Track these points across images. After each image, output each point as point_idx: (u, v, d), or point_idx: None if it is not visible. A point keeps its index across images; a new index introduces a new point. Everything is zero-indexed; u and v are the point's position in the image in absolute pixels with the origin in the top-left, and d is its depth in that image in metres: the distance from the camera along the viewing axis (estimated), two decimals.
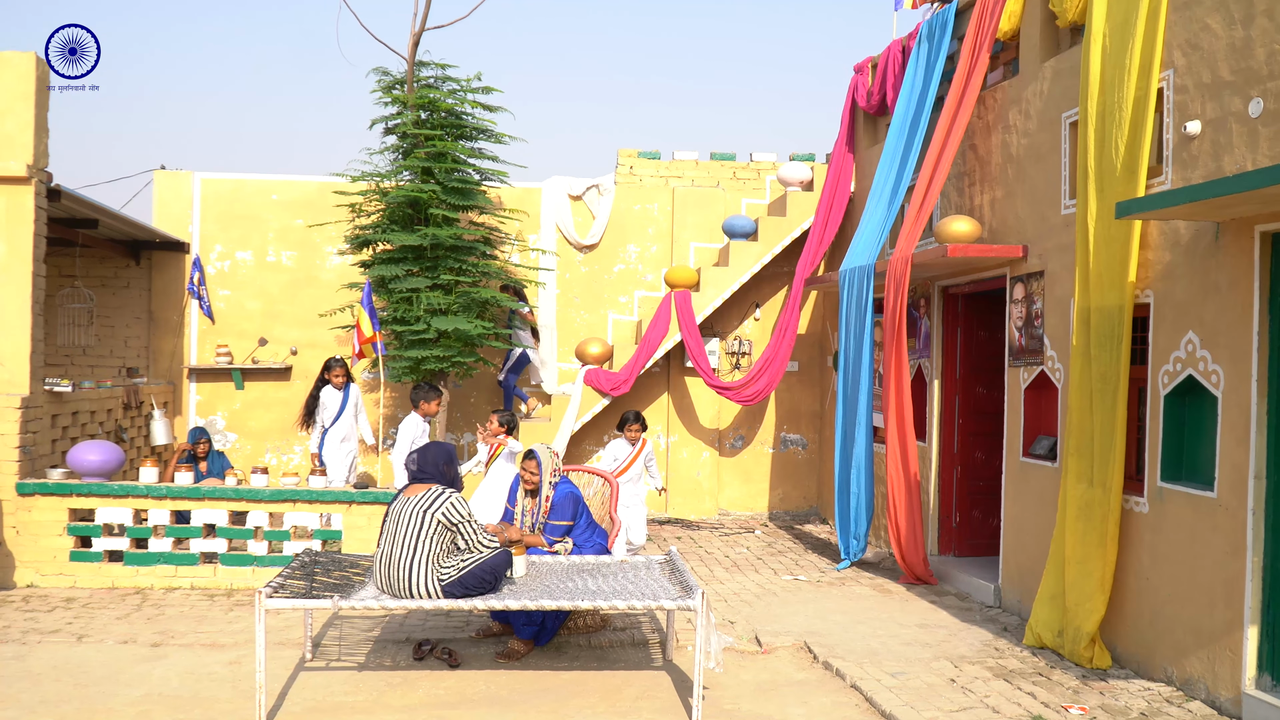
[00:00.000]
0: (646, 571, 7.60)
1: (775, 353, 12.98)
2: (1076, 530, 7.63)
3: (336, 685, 6.85)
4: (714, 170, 14.64)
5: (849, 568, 10.87)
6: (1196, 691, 6.73)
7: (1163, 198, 6.28)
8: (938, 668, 7.36)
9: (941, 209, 10.67)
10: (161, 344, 13.57)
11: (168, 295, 13.58)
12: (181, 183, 13.65)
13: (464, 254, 12.31)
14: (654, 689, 6.95)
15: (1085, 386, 7.62)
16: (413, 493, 6.75)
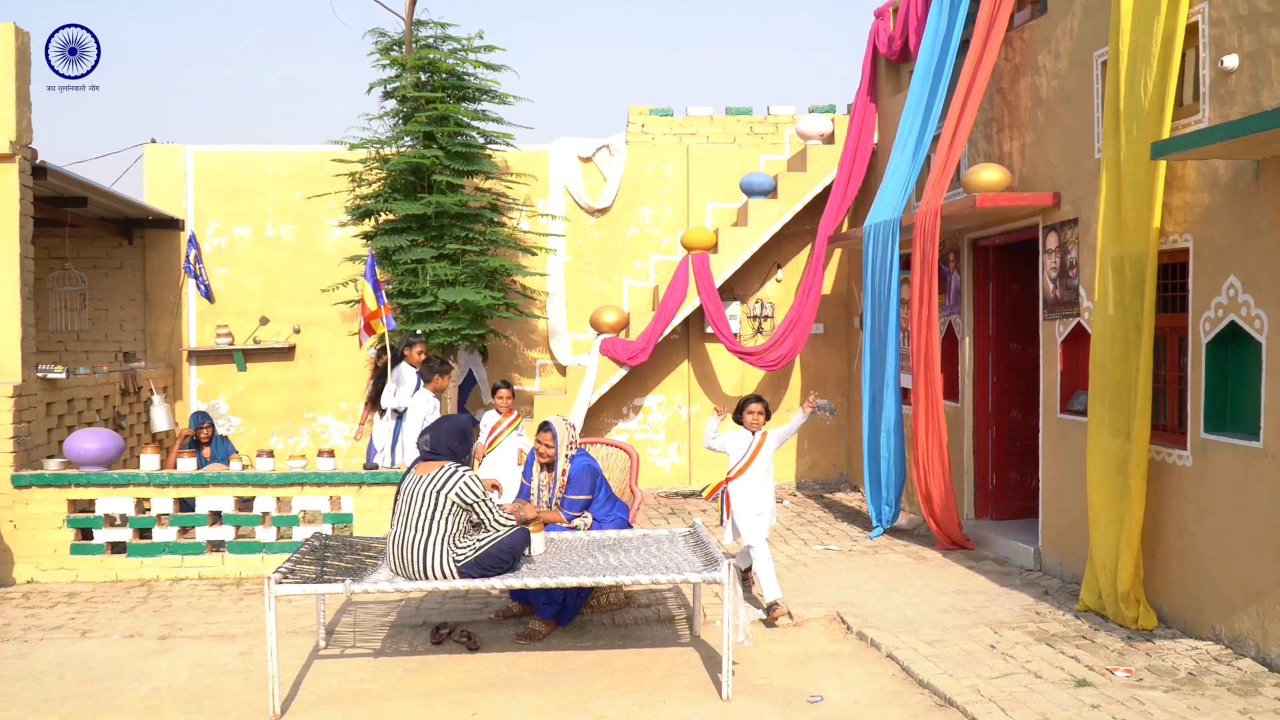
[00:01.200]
0: (670, 545, 7.67)
1: (799, 315, 13.00)
2: (1103, 485, 7.68)
3: (352, 673, 6.96)
4: (730, 126, 14.62)
5: (881, 535, 10.93)
6: (1246, 649, 6.78)
7: (1199, 135, 6.27)
8: (976, 634, 7.42)
9: (969, 157, 10.65)
10: (159, 326, 13.69)
11: (163, 275, 13.70)
12: (173, 156, 13.73)
13: (470, 221, 12.37)
14: (682, 666, 7.03)
15: (1116, 336, 7.63)
16: (424, 471, 6.81)
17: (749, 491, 8.17)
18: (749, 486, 8.18)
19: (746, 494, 8.16)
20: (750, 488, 8.18)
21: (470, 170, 12.38)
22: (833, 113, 14.31)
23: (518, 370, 14.17)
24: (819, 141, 13.67)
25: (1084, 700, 6.10)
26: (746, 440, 8.23)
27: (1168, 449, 7.58)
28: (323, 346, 13.94)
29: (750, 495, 8.16)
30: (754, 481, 8.18)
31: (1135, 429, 7.42)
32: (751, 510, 8.14)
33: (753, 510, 8.14)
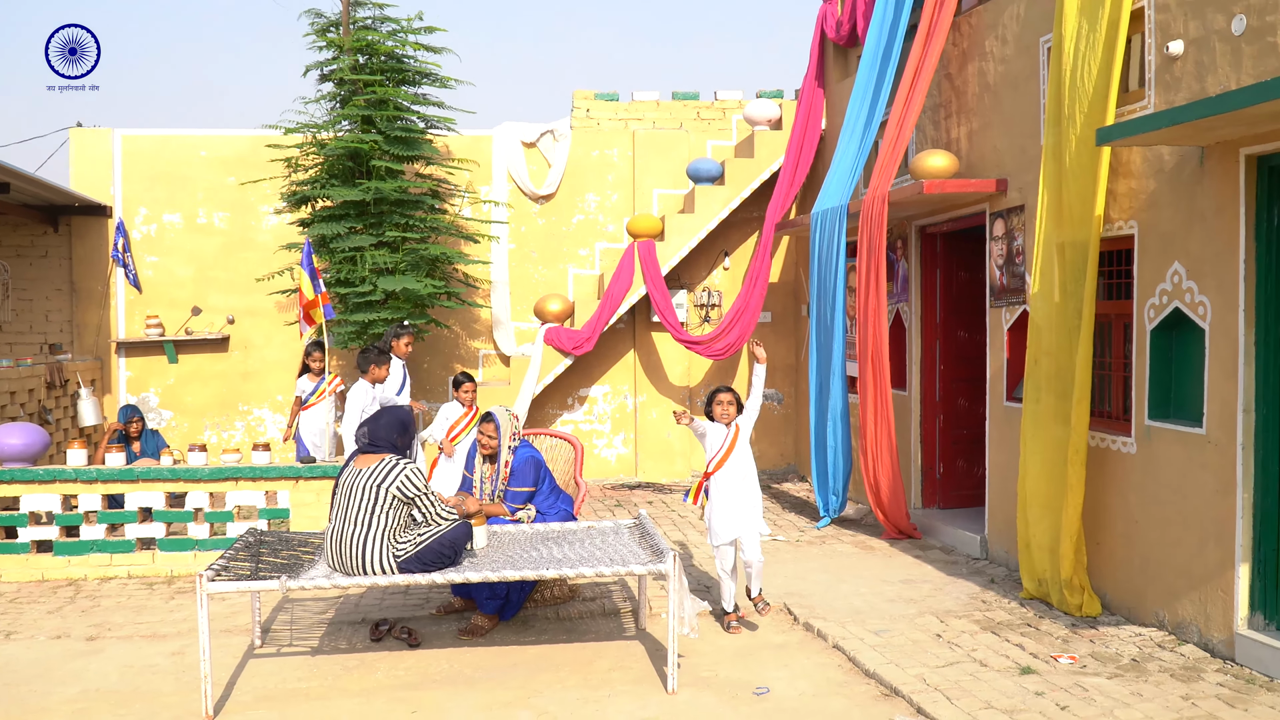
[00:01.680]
0: (615, 537, 7.70)
1: (746, 303, 13.07)
2: (1042, 472, 7.84)
3: (289, 671, 6.93)
4: (676, 111, 14.66)
5: (829, 525, 11.04)
6: (1189, 634, 6.93)
7: (1144, 122, 6.38)
8: (923, 623, 7.53)
9: (917, 144, 10.76)
10: (86, 317, 13.51)
11: (90, 264, 13.52)
12: (100, 141, 13.54)
13: (410, 208, 12.32)
14: (627, 659, 7.07)
15: (1059, 323, 7.76)
16: (363, 464, 6.78)
17: (730, 488, 7.62)
18: (729, 483, 7.63)
19: (727, 491, 7.62)
20: (731, 484, 7.62)
21: (410, 156, 12.33)
22: (780, 98, 14.39)
23: (460, 361, 14.14)
24: (766, 127, 13.74)
25: (1028, 688, 6.21)
26: (721, 434, 7.71)
27: (1112, 436, 7.72)
28: (258, 337, 13.82)
29: (732, 492, 7.61)
30: (735, 478, 7.62)
31: (1074, 416, 7.57)
32: (732, 507, 7.58)
33: (734, 507, 7.58)
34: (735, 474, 7.60)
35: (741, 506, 7.57)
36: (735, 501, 7.58)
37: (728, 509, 7.59)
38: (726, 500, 7.59)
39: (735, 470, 7.61)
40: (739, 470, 7.62)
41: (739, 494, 7.59)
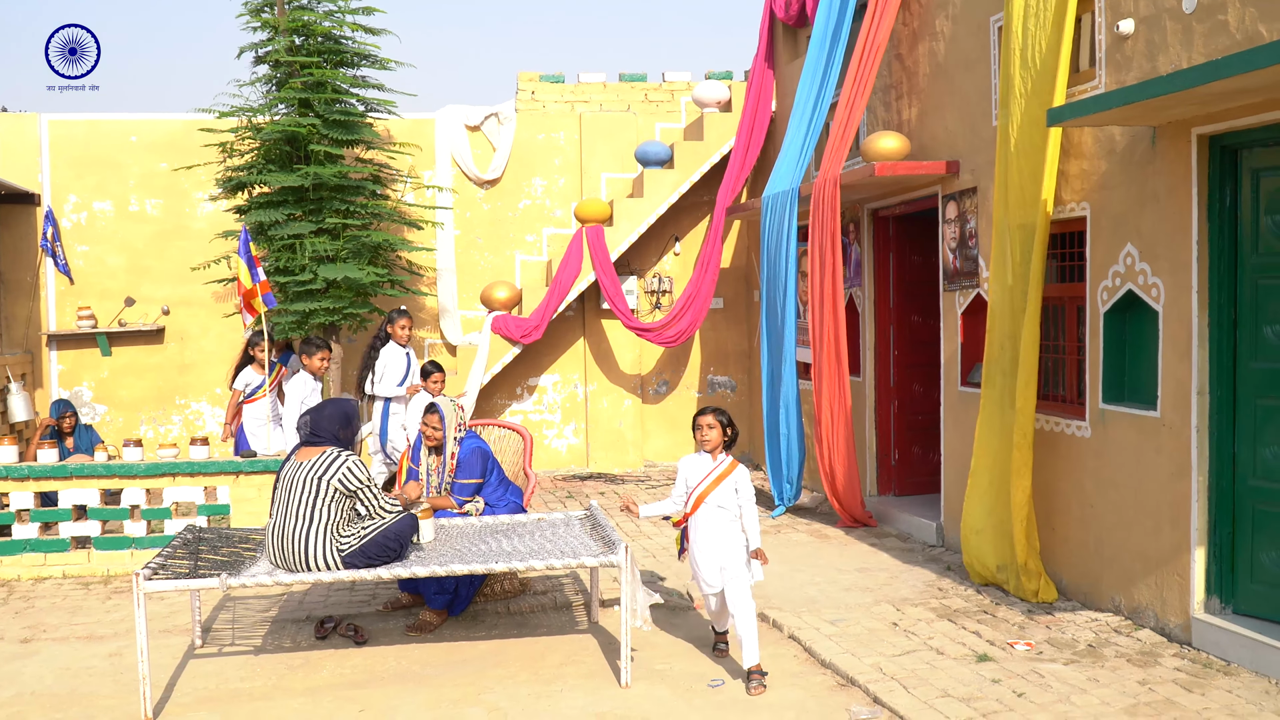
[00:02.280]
0: (566, 529, 7.69)
1: (698, 289, 13.10)
2: (991, 456, 7.92)
3: (231, 671, 6.87)
4: (624, 93, 14.64)
5: (784, 514, 11.10)
6: (1145, 619, 7.04)
7: (1095, 102, 6.45)
8: (879, 612, 7.60)
9: (868, 125, 10.82)
10: (14, 309, 13.29)
11: (18, 254, 13.29)
12: (26, 126, 13.31)
13: (351, 194, 12.22)
14: (580, 653, 7.07)
15: (1010, 307, 7.85)
16: (304, 456, 6.73)
17: (707, 537, 6.52)
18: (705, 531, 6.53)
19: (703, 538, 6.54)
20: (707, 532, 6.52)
21: (350, 140, 12.22)
22: (730, 79, 14.41)
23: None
24: (716, 109, 13.75)
25: (985, 675, 6.28)
26: (705, 467, 6.59)
27: (1066, 420, 7.81)
28: (194, 328, 13.66)
29: (709, 541, 6.51)
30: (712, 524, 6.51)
31: (1021, 399, 7.66)
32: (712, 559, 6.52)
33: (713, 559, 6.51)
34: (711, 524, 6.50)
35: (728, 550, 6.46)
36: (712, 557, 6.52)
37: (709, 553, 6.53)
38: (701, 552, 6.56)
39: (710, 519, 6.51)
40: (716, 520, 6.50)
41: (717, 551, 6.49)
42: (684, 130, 14.41)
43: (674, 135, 14.40)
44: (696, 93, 13.82)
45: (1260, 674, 6.13)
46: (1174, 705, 5.79)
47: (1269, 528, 6.42)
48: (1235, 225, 6.52)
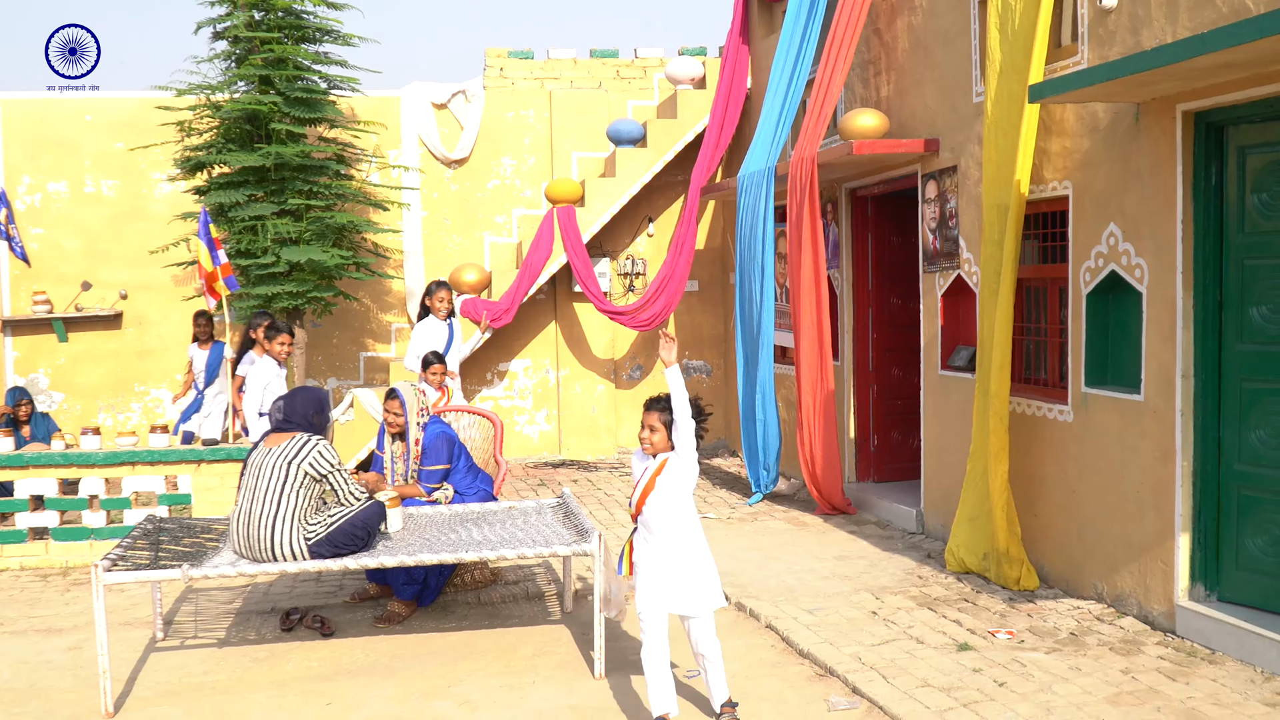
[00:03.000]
0: (538, 517, 7.68)
1: (672, 271, 13.07)
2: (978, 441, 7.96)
3: (194, 665, 6.83)
4: (595, 69, 14.58)
5: (761, 502, 11.11)
6: (1128, 607, 7.08)
7: (1078, 78, 6.46)
8: (858, 601, 7.61)
9: (846, 102, 10.80)
10: None
11: None
12: None
13: (314, 174, 12.13)
14: (552, 644, 7.06)
15: (987, 289, 7.88)
16: (274, 443, 6.72)
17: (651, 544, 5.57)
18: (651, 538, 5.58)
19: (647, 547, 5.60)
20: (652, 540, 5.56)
21: (312, 118, 12.13)
22: (704, 55, 14.39)
23: (371, 336, 13.98)
24: (690, 86, 13.71)
25: (965, 664, 6.31)
26: (642, 466, 5.72)
27: (1048, 404, 7.84)
28: (154, 313, 13.55)
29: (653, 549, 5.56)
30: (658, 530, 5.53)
31: (995, 382, 7.68)
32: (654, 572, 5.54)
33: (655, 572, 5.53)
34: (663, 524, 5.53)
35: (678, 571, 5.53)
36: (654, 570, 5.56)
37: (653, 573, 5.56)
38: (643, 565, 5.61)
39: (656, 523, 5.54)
40: (664, 525, 5.53)
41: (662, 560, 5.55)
42: (657, 108, 14.37)
43: (647, 113, 14.35)
44: (670, 69, 13.78)
45: (1245, 662, 6.17)
46: (1157, 694, 5.82)
47: (1255, 513, 6.46)
48: (1221, 204, 6.54)
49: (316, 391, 7.04)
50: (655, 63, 14.65)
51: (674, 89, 13.87)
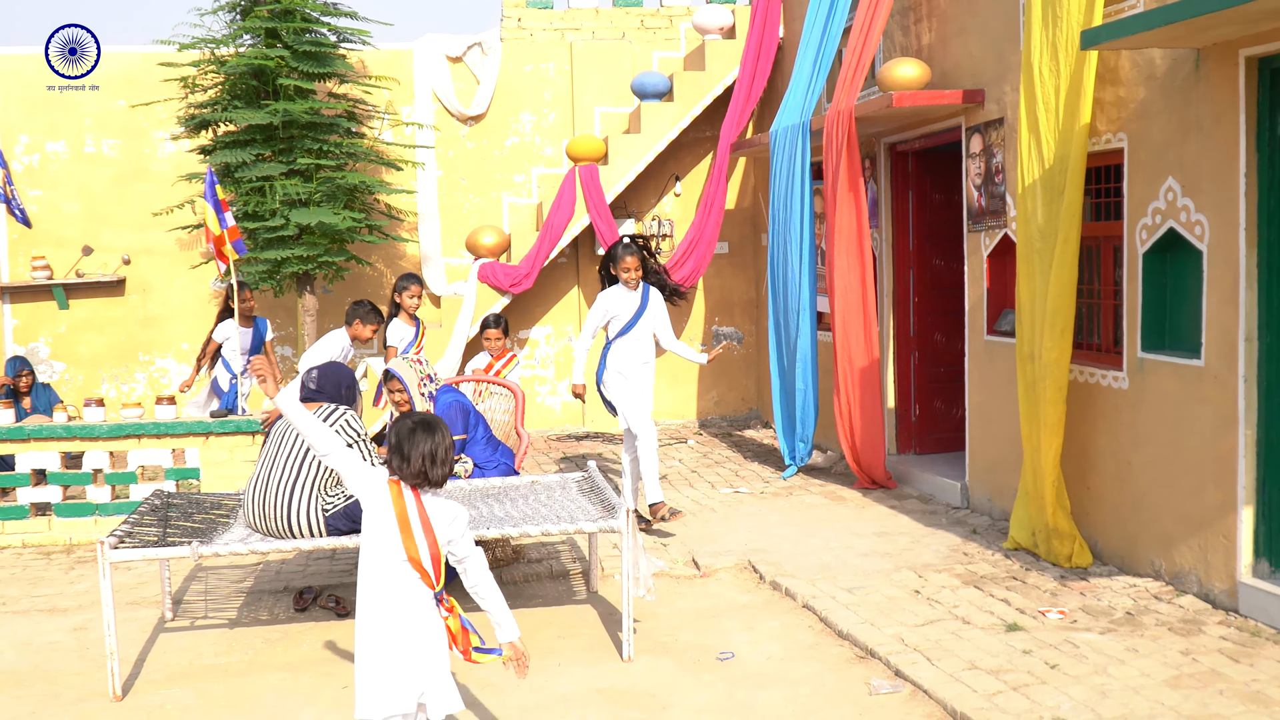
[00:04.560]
0: (562, 492, 7.67)
1: (700, 233, 13.01)
2: (1026, 412, 7.88)
3: (205, 646, 6.87)
4: (618, 19, 14.48)
5: (795, 475, 11.08)
6: (1188, 584, 7.03)
7: (1134, 21, 6.35)
8: (900, 579, 7.58)
9: (885, 52, 10.69)
10: None
11: None
12: None
13: (324, 132, 12.11)
14: (578, 625, 7.07)
15: (1042, 248, 7.77)
16: None
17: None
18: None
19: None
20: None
21: (322, 73, 12.09)
22: (733, 3, 14.24)
23: (384, 302, 13.96)
24: (718, 36, 13.60)
25: (1015, 646, 6.27)
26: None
27: (1102, 370, 7.76)
28: (158, 279, 13.58)
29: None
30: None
31: (1057, 348, 7.59)
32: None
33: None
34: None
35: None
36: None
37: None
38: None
39: None
40: None
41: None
42: (684, 60, 14.26)
43: (673, 65, 14.25)
44: (697, 18, 13.66)
45: None
46: (1219, 676, 5.78)
47: None
48: None
49: (348, 368, 7.16)
50: (682, 12, 14.53)
51: (702, 39, 13.75)
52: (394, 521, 4.62)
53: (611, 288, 9.24)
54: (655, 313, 9.29)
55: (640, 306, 9.18)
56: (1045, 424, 7.65)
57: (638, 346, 9.19)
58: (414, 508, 4.64)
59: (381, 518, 4.64)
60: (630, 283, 9.12)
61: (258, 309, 11.96)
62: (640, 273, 9.19)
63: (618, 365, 9.15)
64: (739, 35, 13.49)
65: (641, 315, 9.19)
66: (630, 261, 9.08)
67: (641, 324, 9.19)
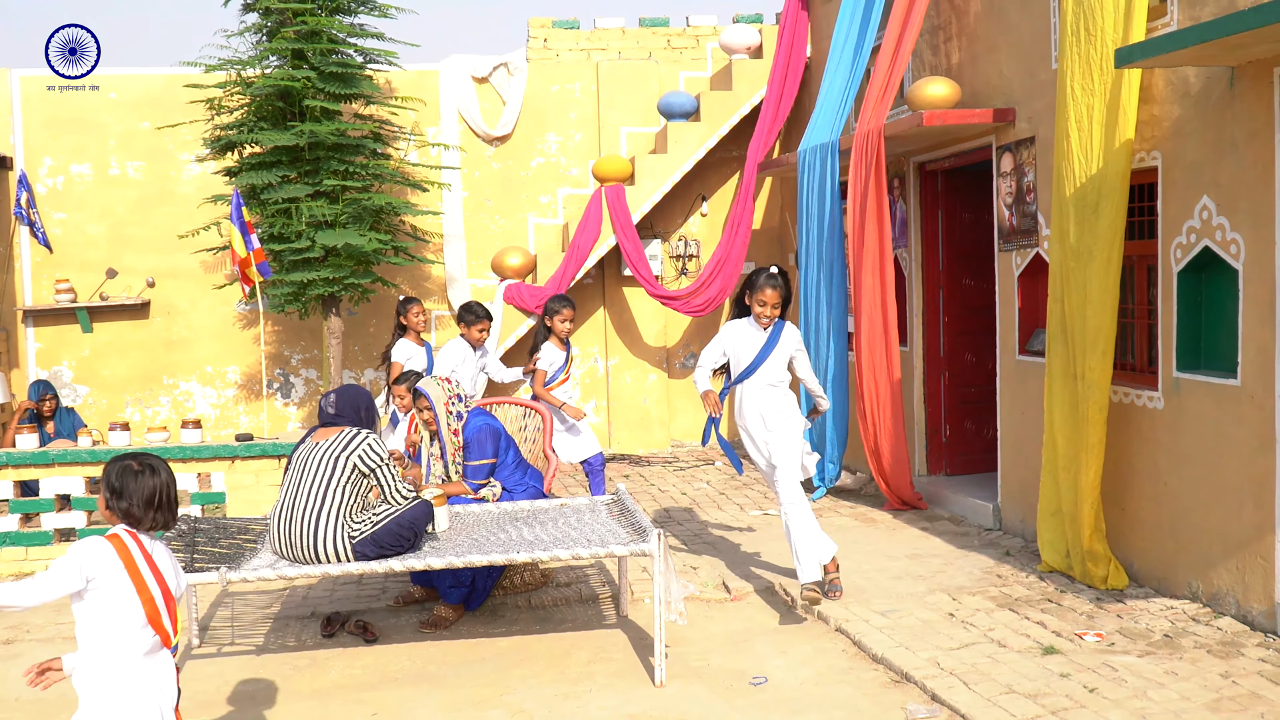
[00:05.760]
0: (592, 515, 7.69)
1: (727, 253, 13.04)
2: (1064, 432, 7.86)
3: (231, 673, 6.90)
4: (644, 39, 14.55)
5: (824, 497, 11.07)
6: (1225, 606, 7.00)
7: (1169, 40, 6.37)
8: (933, 602, 7.57)
9: (914, 71, 10.72)
10: None
11: None
12: None
13: (350, 153, 12.18)
14: (609, 649, 7.08)
15: (1077, 268, 7.76)
16: (322, 436, 6.81)
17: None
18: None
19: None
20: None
21: (348, 94, 12.17)
22: (760, 23, 14.30)
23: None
24: (745, 56, 13.65)
25: (1052, 669, 6.26)
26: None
27: (1136, 390, 7.75)
28: (182, 301, 13.68)
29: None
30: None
31: (1098, 369, 7.58)
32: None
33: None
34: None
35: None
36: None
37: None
38: None
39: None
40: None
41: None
42: (710, 79, 14.32)
43: (700, 85, 14.30)
44: (724, 38, 13.72)
45: None
46: (1261, 699, 5.75)
47: None
48: None
49: (365, 390, 7.19)
50: (708, 31, 14.60)
51: (728, 59, 13.81)
52: (127, 581, 4.24)
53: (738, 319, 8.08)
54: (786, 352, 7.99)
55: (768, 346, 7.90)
56: (1086, 445, 7.63)
57: (760, 392, 7.92)
58: (141, 558, 4.30)
59: (111, 586, 4.26)
60: (762, 319, 7.82)
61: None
62: (778, 311, 7.83)
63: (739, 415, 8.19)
64: (766, 55, 13.54)
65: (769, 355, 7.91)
66: (770, 295, 7.77)
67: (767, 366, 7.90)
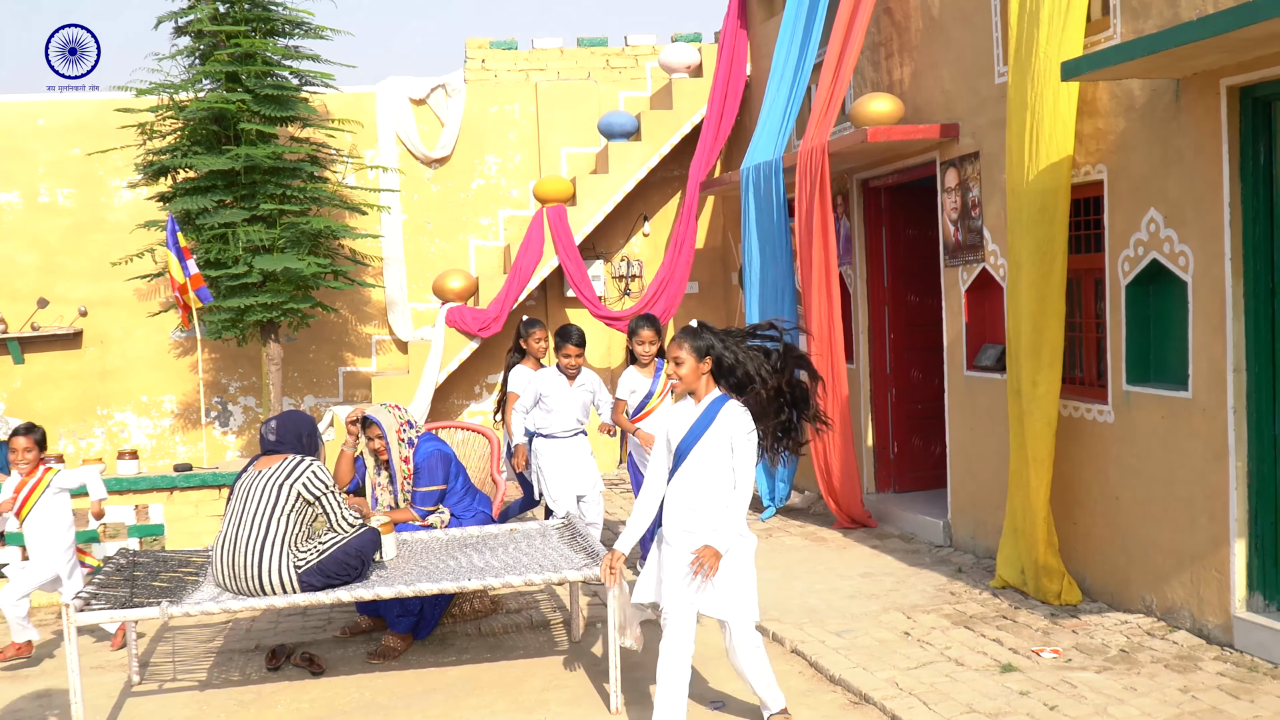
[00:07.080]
0: (542, 540, 7.58)
1: (671, 273, 12.99)
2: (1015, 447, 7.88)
3: (174, 710, 6.72)
4: (583, 59, 14.50)
5: (774, 516, 11.02)
6: (1181, 620, 6.99)
7: (1115, 52, 6.38)
8: (888, 621, 7.52)
9: (856, 88, 10.73)
10: None
11: None
12: None
13: (287, 177, 12.03)
14: (562, 677, 6.97)
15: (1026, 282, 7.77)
16: (265, 465, 6.72)
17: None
18: None
19: None
20: None
21: (283, 117, 12.03)
22: (699, 42, 14.31)
23: (350, 349, 13.86)
24: (685, 75, 13.64)
25: (1011, 687, 6.21)
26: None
27: (1086, 404, 7.75)
28: (116, 330, 13.41)
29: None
30: None
31: (1045, 382, 7.58)
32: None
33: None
34: None
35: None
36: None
37: None
38: None
39: None
40: None
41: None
42: (650, 99, 14.30)
43: (640, 104, 14.28)
44: (663, 57, 13.70)
45: None
46: (1221, 713, 5.73)
47: None
48: (1271, 184, 6.45)
49: (307, 415, 7.06)
50: (647, 51, 14.58)
51: (668, 78, 13.79)
52: None
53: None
54: None
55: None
56: (1035, 459, 7.63)
57: None
58: None
59: None
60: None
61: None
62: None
63: None
64: (706, 73, 13.54)
65: None
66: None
67: None
